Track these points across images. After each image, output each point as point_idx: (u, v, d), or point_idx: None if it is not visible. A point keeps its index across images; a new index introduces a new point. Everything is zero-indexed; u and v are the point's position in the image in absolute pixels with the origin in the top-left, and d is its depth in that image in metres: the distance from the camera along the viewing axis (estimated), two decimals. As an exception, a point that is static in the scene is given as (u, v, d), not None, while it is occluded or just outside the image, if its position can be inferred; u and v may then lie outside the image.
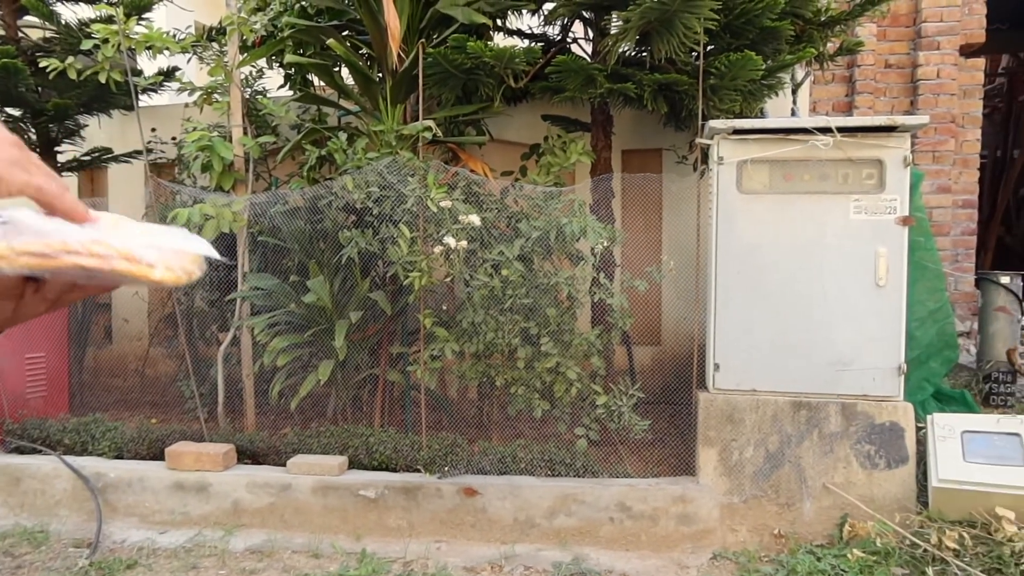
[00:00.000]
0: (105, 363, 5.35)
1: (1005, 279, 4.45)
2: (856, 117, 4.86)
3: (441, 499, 3.33)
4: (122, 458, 3.76)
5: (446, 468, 3.37)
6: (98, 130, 5.36)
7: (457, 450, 3.45)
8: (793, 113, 4.53)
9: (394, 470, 3.51)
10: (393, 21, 3.60)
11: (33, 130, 4.94)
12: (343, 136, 3.83)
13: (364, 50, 4.24)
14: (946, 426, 3.23)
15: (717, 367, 3.38)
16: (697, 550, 3.22)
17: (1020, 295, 4.45)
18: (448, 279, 3.52)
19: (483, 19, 3.63)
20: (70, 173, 5.32)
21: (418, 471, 3.44)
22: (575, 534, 3.26)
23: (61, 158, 5.17)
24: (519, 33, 4.54)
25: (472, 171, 3.78)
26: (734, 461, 3.32)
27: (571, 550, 3.20)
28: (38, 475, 3.61)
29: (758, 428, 3.31)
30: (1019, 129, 8.91)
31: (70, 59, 4.03)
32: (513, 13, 4.27)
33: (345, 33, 4.30)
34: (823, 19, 4.07)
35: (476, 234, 3.45)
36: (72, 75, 4.02)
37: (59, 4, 5.00)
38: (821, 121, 3.25)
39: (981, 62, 5.90)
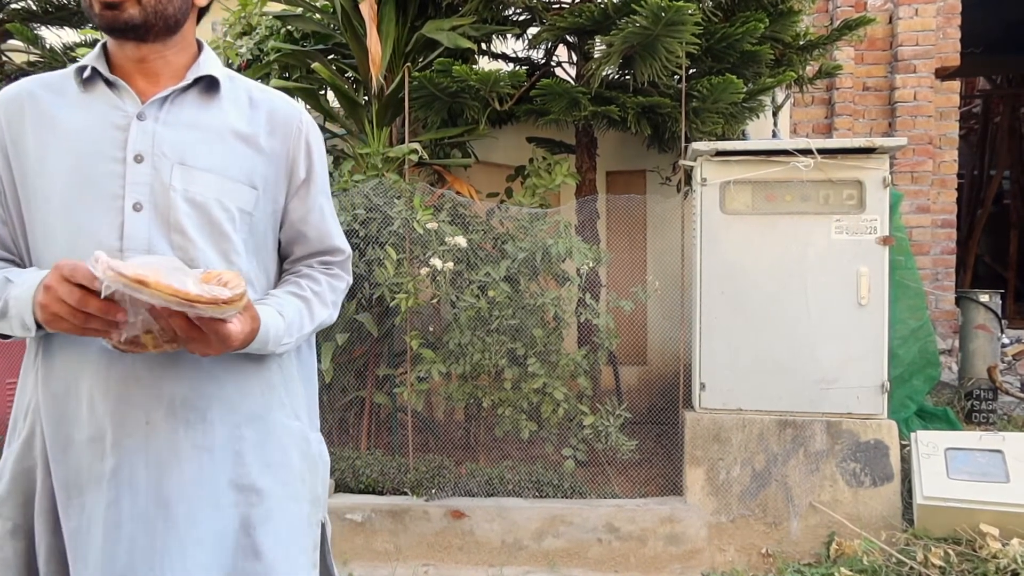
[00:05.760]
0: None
1: (984, 297, 4.51)
2: (836, 139, 4.95)
3: (428, 522, 3.31)
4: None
5: (433, 490, 3.35)
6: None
7: (444, 472, 3.43)
8: (774, 135, 4.60)
9: (381, 493, 3.49)
10: (375, 48, 3.63)
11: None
12: (329, 159, 3.84)
13: (350, 73, 4.27)
14: (930, 443, 3.26)
15: (703, 386, 3.40)
16: (686, 571, 3.21)
17: (999, 313, 4.52)
18: (434, 300, 3.53)
19: (468, 44, 3.67)
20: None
21: (405, 494, 3.42)
22: (563, 556, 3.25)
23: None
24: (504, 57, 4.59)
25: (458, 193, 3.80)
26: (721, 480, 3.33)
27: (560, 572, 3.19)
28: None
29: (744, 447, 3.32)
30: (995, 149, 9.08)
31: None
32: (498, 37, 4.32)
33: (331, 57, 4.33)
34: (802, 43, 4.15)
35: (462, 255, 3.47)
36: (57, 98, 4.01)
37: (43, 28, 5.00)
38: (802, 143, 3.30)
39: (957, 85, 6.03)
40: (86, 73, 1.19)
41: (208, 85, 1.24)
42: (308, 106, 4.41)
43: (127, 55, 1.20)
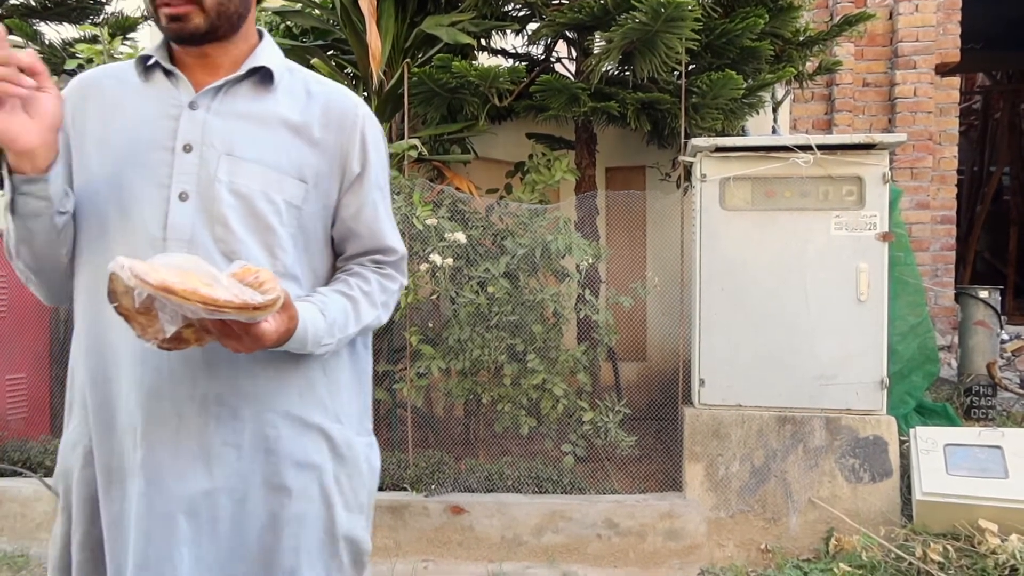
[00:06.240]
0: (87, 384, 5.28)
1: (984, 293, 4.51)
2: (836, 135, 4.95)
3: (428, 517, 3.31)
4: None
5: (433, 486, 3.36)
6: (81, 149, 5.33)
7: (444, 468, 3.44)
8: (774, 131, 4.60)
9: (380, 488, 3.47)
10: (375, 43, 3.63)
11: (15, 149, 4.90)
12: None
13: (349, 69, 4.26)
14: (929, 439, 3.26)
15: (702, 382, 3.40)
16: (685, 566, 3.22)
17: (998, 309, 4.52)
18: (434, 296, 3.53)
19: (468, 39, 3.66)
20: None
21: (404, 489, 3.42)
22: (563, 551, 3.26)
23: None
24: (503, 53, 4.58)
25: (457, 189, 3.79)
26: (720, 476, 3.33)
27: (559, 567, 3.19)
28: (19, 498, 3.56)
29: (744, 443, 3.33)
30: (995, 146, 9.08)
31: (54, 79, 4.02)
32: (497, 33, 4.31)
33: (330, 53, 4.32)
34: (802, 39, 4.15)
35: (462, 251, 3.47)
36: (56, 94, 4.00)
37: (43, 24, 4.99)
38: (801, 139, 3.30)
39: (957, 81, 6.02)
40: (149, 63, 1.20)
41: (263, 76, 1.22)
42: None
43: (188, 49, 1.20)
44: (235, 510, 1.16)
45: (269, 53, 1.24)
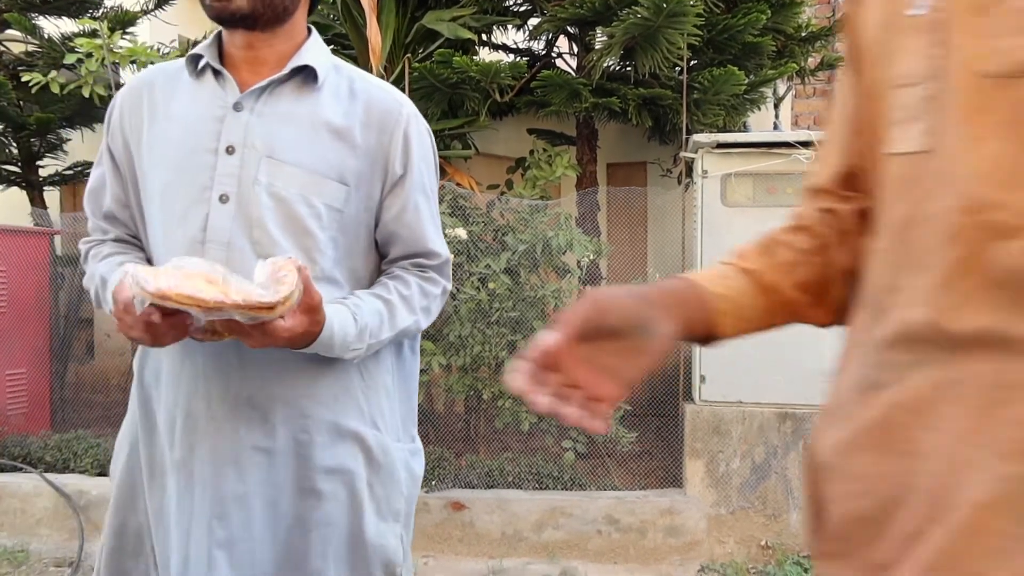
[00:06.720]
0: (87, 378, 5.29)
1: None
2: (837, 131, 4.93)
3: (429, 514, 3.31)
4: (105, 475, 3.72)
5: (433, 482, 3.36)
6: (81, 144, 5.33)
7: (444, 464, 3.44)
8: (775, 127, 4.59)
9: (381, 485, 3.49)
10: (375, 38, 3.62)
11: (15, 144, 4.90)
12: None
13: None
14: (929, 436, 3.26)
15: (703, 379, 3.39)
16: (685, 562, 3.22)
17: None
18: (435, 293, 3.52)
19: (468, 34, 3.65)
20: (52, 187, 5.28)
21: (405, 486, 3.42)
22: (563, 547, 3.26)
23: (43, 172, 5.13)
24: (504, 48, 4.58)
25: (458, 185, 3.79)
26: (721, 473, 3.33)
27: (559, 564, 3.20)
28: (19, 493, 3.56)
29: (744, 439, 3.33)
30: (996, 142, 9.05)
31: (53, 73, 4.01)
32: (498, 28, 4.30)
33: (331, 48, 4.30)
34: (804, 35, 4.14)
35: (463, 247, 3.46)
36: (55, 89, 3.99)
37: (42, 18, 4.97)
38: (803, 135, 3.29)
39: (958, 77, 6.00)
40: (200, 64, 1.19)
41: (308, 75, 1.20)
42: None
43: (235, 42, 1.19)
44: (267, 513, 1.17)
45: (315, 51, 1.22)
